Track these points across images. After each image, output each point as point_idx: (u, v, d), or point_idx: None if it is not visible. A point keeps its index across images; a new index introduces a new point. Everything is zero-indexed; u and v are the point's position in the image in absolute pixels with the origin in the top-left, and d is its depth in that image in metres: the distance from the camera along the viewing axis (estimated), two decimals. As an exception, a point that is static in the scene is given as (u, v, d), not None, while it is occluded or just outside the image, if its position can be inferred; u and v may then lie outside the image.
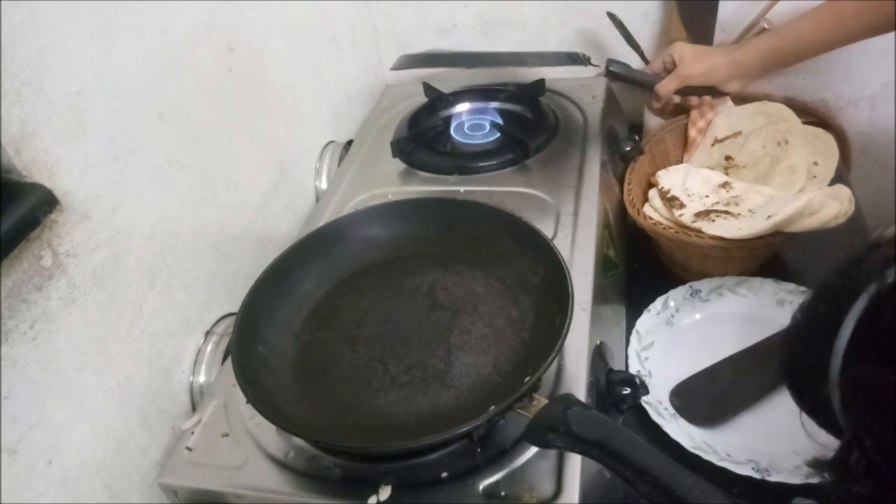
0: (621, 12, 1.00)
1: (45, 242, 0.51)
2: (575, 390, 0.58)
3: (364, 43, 1.13)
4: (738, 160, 0.95)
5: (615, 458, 0.44)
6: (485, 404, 0.51)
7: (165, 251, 0.65)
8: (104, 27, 0.56)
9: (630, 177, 0.88)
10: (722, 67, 0.86)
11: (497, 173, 0.87)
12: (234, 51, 0.76)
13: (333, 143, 1.00)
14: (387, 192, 0.86)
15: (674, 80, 0.89)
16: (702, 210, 0.83)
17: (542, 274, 0.63)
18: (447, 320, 0.63)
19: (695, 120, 0.95)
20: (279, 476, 0.56)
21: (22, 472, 0.49)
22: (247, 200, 0.79)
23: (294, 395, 0.58)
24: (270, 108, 0.85)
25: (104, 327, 0.57)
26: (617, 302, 0.81)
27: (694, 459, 0.64)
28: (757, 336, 0.75)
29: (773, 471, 0.62)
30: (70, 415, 0.53)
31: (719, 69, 0.87)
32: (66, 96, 0.52)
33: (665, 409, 0.70)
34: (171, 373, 0.66)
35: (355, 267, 0.70)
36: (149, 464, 0.62)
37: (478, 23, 1.12)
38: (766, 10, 0.97)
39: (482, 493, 0.52)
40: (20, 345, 0.49)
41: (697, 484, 0.42)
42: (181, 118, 0.67)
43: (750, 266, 0.84)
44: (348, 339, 0.63)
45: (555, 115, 0.97)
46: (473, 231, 0.69)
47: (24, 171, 0.49)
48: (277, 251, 0.68)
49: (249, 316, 0.61)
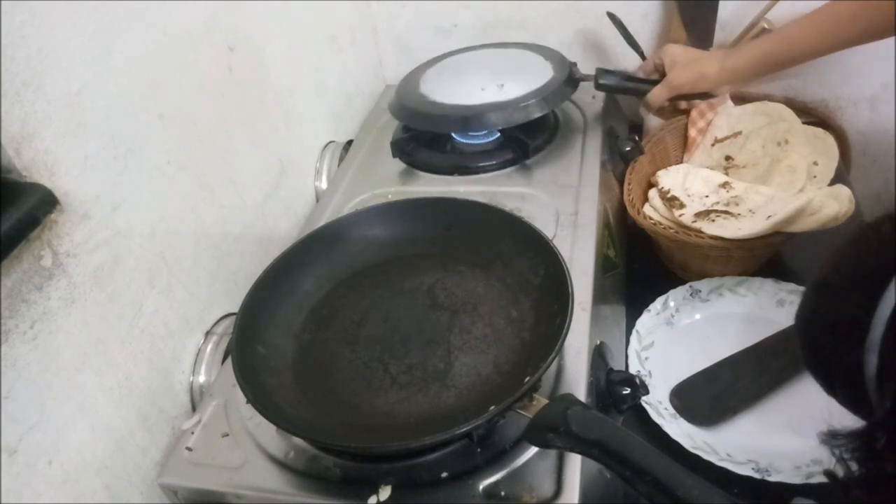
0: (621, 12, 1.00)
1: (45, 242, 0.51)
2: (575, 390, 0.58)
3: (364, 43, 1.13)
4: (738, 160, 0.95)
5: (615, 458, 0.44)
6: (485, 404, 0.51)
7: (165, 251, 0.65)
8: (104, 27, 0.56)
9: (630, 177, 0.88)
10: (712, 75, 0.85)
11: (497, 173, 0.87)
12: (234, 51, 0.76)
13: (333, 143, 1.00)
14: (387, 192, 0.86)
15: (664, 89, 0.88)
16: (702, 210, 0.83)
17: (542, 274, 0.63)
18: (447, 320, 0.63)
19: (695, 120, 0.95)
20: (279, 476, 0.56)
21: (22, 472, 0.49)
22: (247, 200, 0.79)
23: (294, 395, 0.58)
24: (270, 108, 0.85)
25: (104, 327, 0.57)
26: (617, 302, 0.81)
27: (694, 459, 0.64)
28: (757, 336, 0.75)
29: (773, 471, 0.62)
30: (70, 415, 0.53)
31: (709, 77, 0.85)
32: (66, 96, 0.52)
33: (665, 409, 0.70)
34: (171, 373, 0.66)
35: (355, 267, 0.70)
36: (149, 464, 0.62)
37: (478, 23, 1.12)
38: (766, 10, 0.97)
39: (482, 493, 0.52)
40: (20, 345, 0.49)
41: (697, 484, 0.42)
42: (181, 118, 0.67)
43: (750, 266, 0.84)
44: (348, 339, 0.63)
45: (555, 115, 0.97)
46: (473, 231, 0.69)
47: (24, 171, 0.49)
48: (277, 251, 0.68)
49: (249, 316, 0.61)
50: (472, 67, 0.99)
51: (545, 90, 0.88)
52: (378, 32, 1.17)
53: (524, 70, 0.94)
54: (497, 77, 0.92)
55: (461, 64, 1.01)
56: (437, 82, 0.96)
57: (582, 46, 1.11)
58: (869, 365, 0.34)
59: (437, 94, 0.92)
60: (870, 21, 0.73)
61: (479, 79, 0.93)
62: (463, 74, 0.97)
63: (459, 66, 1.00)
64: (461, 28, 1.14)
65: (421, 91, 0.94)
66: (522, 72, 0.93)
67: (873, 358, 0.34)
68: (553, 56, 0.96)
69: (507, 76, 0.92)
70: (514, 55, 1.00)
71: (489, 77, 0.93)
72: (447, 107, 0.89)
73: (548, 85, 0.89)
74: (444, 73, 0.98)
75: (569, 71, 0.92)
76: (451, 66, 1.01)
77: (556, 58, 0.96)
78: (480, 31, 1.13)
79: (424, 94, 0.93)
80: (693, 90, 0.88)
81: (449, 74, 0.98)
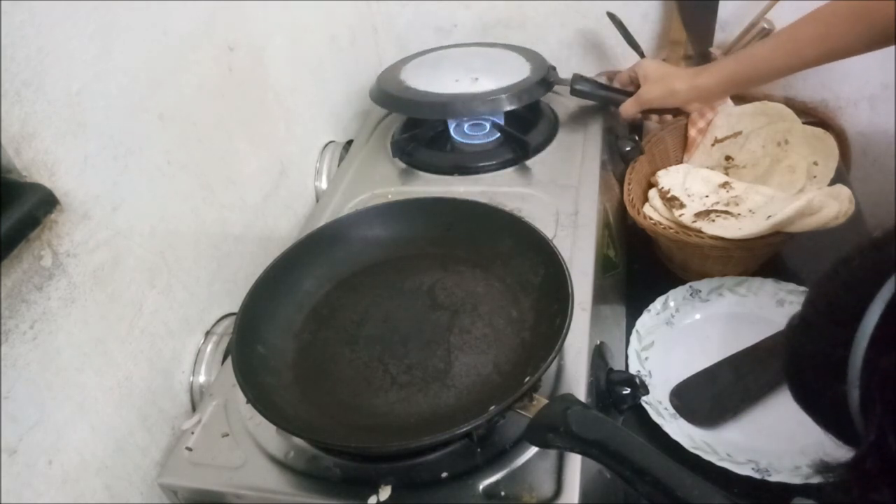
0: (621, 12, 1.00)
1: (45, 242, 0.51)
2: (575, 390, 0.58)
3: (364, 43, 1.13)
4: (738, 160, 0.95)
5: (615, 458, 0.44)
6: (485, 404, 0.51)
7: (165, 251, 0.65)
8: (104, 27, 0.56)
9: (630, 177, 0.88)
10: (681, 92, 0.87)
11: (497, 173, 0.87)
12: (234, 51, 0.76)
13: (333, 143, 1.00)
14: (387, 192, 0.86)
15: (634, 103, 0.90)
16: (702, 210, 0.83)
17: (542, 274, 0.63)
18: (447, 320, 0.63)
19: (695, 120, 0.95)
20: (279, 476, 0.56)
21: (22, 472, 0.49)
22: (247, 200, 0.79)
23: (294, 395, 0.58)
24: (270, 108, 0.85)
25: (104, 327, 0.57)
26: (617, 302, 0.81)
27: (694, 459, 0.64)
28: (757, 336, 0.75)
29: (773, 471, 0.62)
30: (70, 415, 0.53)
31: (679, 94, 0.87)
32: (66, 96, 0.52)
33: (665, 409, 0.70)
34: (171, 373, 0.66)
35: (355, 267, 0.70)
36: (149, 464, 0.62)
37: (478, 23, 1.12)
38: (766, 10, 0.97)
39: (482, 493, 0.52)
40: (20, 345, 0.49)
41: (697, 484, 0.42)
42: (181, 118, 0.67)
43: (750, 266, 0.84)
44: (348, 339, 0.63)
45: (555, 114, 0.97)
46: (473, 231, 0.69)
47: (24, 171, 0.49)
48: (277, 251, 0.68)
49: (249, 316, 0.61)
50: (452, 61, 1.02)
51: (515, 87, 0.91)
52: (378, 32, 1.17)
53: (501, 68, 0.97)
54: (473, 72, 0.96)
55: (443, 57, 1.04)
56: (416, 71, 0.99)
57: (582, 46, 1.11)
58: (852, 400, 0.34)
59: (414, 81, 0.96)
60: (829, 44, 0.75)
61: (455, 72, 0.97)
62: (442, 67, 1.00)
63: (441, 59, 1.04)
64: (461, 28, 1.14)
65: (400, 78, 0.97)
66: (499, 69, 0.96)
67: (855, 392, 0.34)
68: (534, 58, 0.99)
69: (482, 72, 0.96)
70: (497, 54, 1.03)
71: (465, 71, 0.96)
72: (420, 93, 0.92)
73: (520, 83, 0.92)
74: (425, 64, 1.02)
75: (545, 73, 0.94)
76: (434, 58, 1.04)
77: (536, 60, 0.98)
78: (480, 30, 1.13)
79: (402, 81, 0.96)
80: (662, 105, 0.90)
81: (429, 65, 1.02)
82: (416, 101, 0.92)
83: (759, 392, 0.70)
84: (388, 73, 1.00)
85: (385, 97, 0.94)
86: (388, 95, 0.94)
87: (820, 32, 0.75)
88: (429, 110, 0.92)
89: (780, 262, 0.86)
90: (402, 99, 0.93)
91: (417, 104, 0.92)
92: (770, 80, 0.85)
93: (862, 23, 0.71)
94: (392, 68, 1.02)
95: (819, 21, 0.75)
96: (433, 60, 1.03)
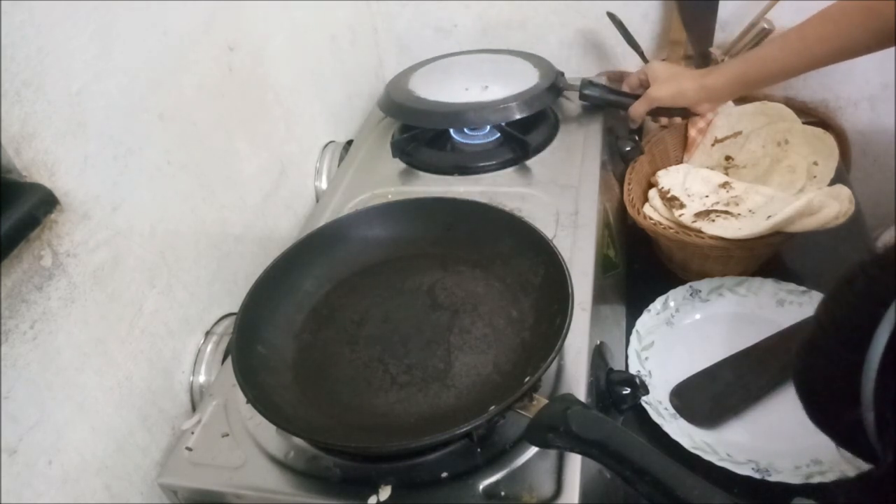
0: (621, 12, 1.00)
1: (45, 242, 0.51)
2: (575, 390, 0.58)
3: (364, 43, 1.13)
4: (738, 160, 0.95)
5: (615, 458, 0.44)
6: (485, 404, 0.51)
7: (165, 251, 0.65)
8: (104, 27, 0.56)
9: (630, 177, 0.88)
10: (690, 92, 0.87)
11: (497, 173, 0.87)
12: (234, 51, 0.76)
13: (333, 143, 1.00)
14: (387, 192, 0.86)
15: (644, 102, 0.90)
16: (702, 210, 0.83)
17: (542, 274, 0.63)
18: (447, 320, 0.63)
19: (695, 120, 0.95)
20: (279, 476, 0.56)
21: (22, 472, 0.49)
22: (247, 200, 0.79)
23: (294, 395, 0.58)
24: (270, 108, 0.85)
25: (104, 327, 0.57)
26: (617, 302, 0.81)
27: (694, 459, 0.64)
28: (757, 336, 0.75)
29: (773, 471, 0.62)
30: (70, 415, 0.53)
31: (688, 93, 0.88)
32: (66, 96, 0.52)
33: (665, 409, 0.70)
34: (171, 373, 0.66)
35: (355, 267, 0.70)
36: (149, 464, 0.62)
37: (478, 23, 1.12)
38: (766, 10, 0.97)
39: (482, 493, 0.52)
40: (20, 345, 0.49)
41: (697, 484, 0.42)
42: (181, 118, 0.67)
43: (750, 266, 0.84)
44: (348, 339, 0.63)
45: (555, 115, 0.97)
46: (473, 231, 0.69)
47: (24, 171, 0.49)
48: (277, 251, 0.68)
49: (249, 316, 0.61)
50: (460, 69, 1.02)
51: (525, 95, 0.91)
52: (378, 32, 1.17)
53: (510, 75, 0.97)
54: (483, 79, 0.96)
55: (452, 65, 1.04)
56: (425, 80, 0.99)
57: (582, 46, 1.11)
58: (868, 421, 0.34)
59: (423, 90, 0.95)
60: (841, 41, 0.75)
61: (464, 80, 0.97)
62: (451, 75, 1.00)
63: (450, 66, 1.04)
64: (461, 28, 1.14)
65: (409, 87, 0.97)
66: (508, 76, 0.97)
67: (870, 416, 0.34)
68: (542, 64, 0.99)
69: (492, 79, 0.96)
70: (505, 61, 1.03)
71: (475, 79, 0.96)
72: (430, 103, 0.92)
73: (529, 90, 0.92)
74: (434, 73, 1.02)
75: (554, 79, 0.94)
76: (442, 66, 1.04)
77: (544, 66, 0.98)
78: (480, 31, 1.13)
79: (412, 90, 0.96)
80: (672, 104, 0.90)
81: (438, 74, 1.01)
82: (426, 111, 0.91)
83: (759, 392, 0.70)
84: (396, 82, 1.00)
85: (395, 107, 0.94)
86: (397, 105, 0.94)
87: (829, 31, 0.75)
88: (440, 120, 0.91)
89: (780, 262, 0.86)
90: (412, 109, 0.92)
91: (428, 114, 0.91)
92: (779, 81, 0.85)
93: (872, 21, 0.71)
94: (400, 77, 1.01)
95: (828, 20, 0.75)
96: (441, 69, 1.03)
